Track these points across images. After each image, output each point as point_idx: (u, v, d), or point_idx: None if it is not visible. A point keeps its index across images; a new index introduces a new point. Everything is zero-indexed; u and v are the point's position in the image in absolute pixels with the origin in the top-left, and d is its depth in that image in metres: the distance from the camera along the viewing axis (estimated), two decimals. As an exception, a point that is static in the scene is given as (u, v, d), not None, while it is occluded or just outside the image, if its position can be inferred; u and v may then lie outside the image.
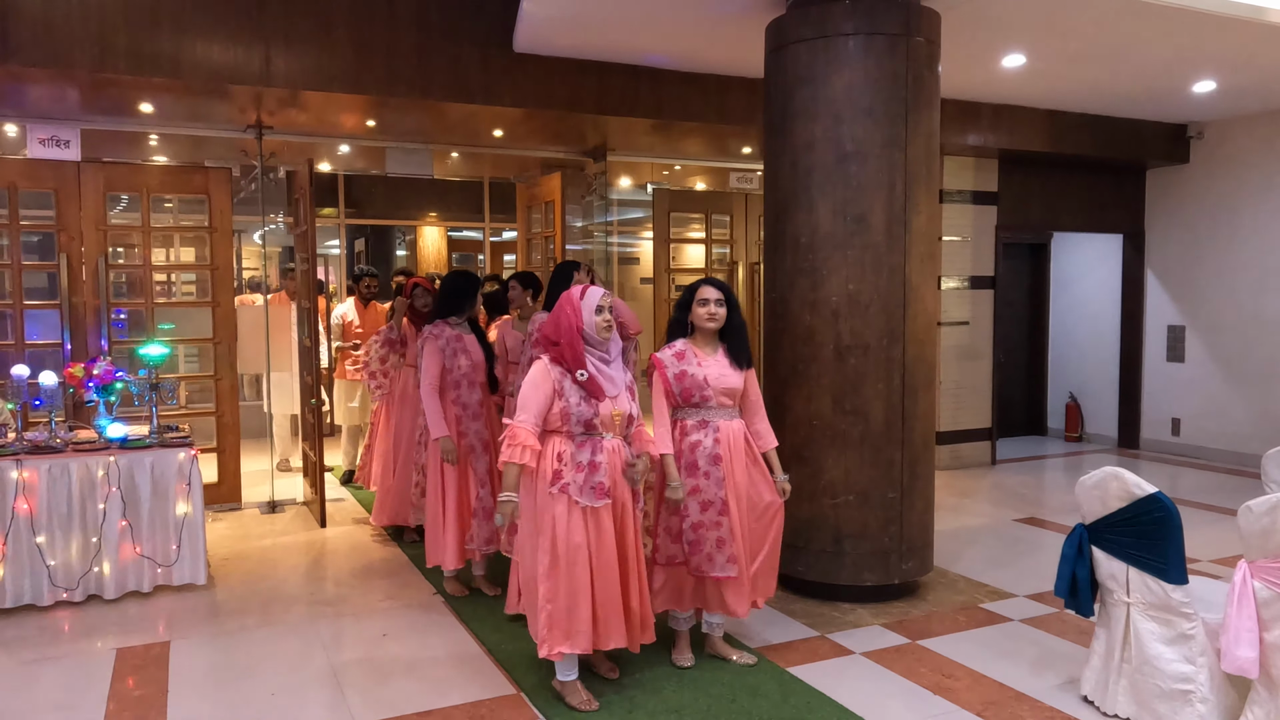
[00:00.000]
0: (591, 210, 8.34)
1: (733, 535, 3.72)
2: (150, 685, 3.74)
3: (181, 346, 7.50)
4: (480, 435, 4.70)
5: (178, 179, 6.67)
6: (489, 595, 4.71)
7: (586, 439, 3.42)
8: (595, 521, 3.40)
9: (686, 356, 3.76)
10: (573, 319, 3.46)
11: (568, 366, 3.42)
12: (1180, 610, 3.19)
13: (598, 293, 3.49)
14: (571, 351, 3.42)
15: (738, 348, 3.82)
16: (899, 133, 4.51)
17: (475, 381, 4.73)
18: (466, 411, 4.67)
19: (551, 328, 3.48)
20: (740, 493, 3.78)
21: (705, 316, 3.77)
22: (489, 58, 5.82)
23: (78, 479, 4.60)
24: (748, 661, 3.91)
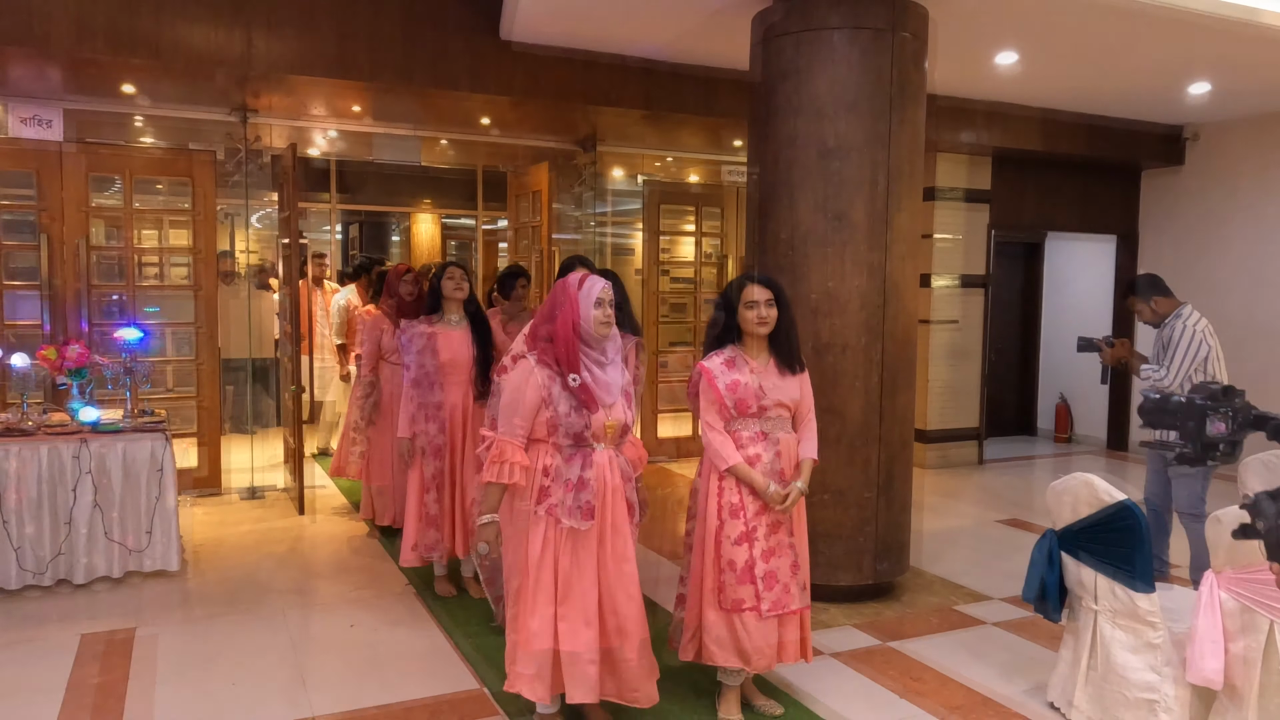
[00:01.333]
0: (583, 201, 8.29)
1: (803, 559, 3.38)
2: (112, 672, 3.71)
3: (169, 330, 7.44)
4: (433, 440, 4.46)
5: (161, 162, 6.63)
6: (475, 598, 4.57)
7: (575, 451, 3.01)
8: (575, 546, 3.01)
9: (737, 364, 3.31)
10: (569, 313, 3.01)
11: (559, 369, 2.99)
12: (1147, 619, 3.16)
13: (598, 283, 3.04)
14: (566, 351, 2.98)
15: (789, 351, 3.37)
16: (882, 129, 4.46)
17: (439, 382, 4.47)
18: (422, 411, 4.46)
19: (545, 322, 3.06)
20: (801, 513, 3.42)
21: (755, 321, 3.29)
22: (475, 45, 5.76)
23: (48, 462, 4.57)
24: (774, 711, 3.45)
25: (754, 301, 3.30)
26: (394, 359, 5.40)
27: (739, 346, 3.36)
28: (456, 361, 4.49)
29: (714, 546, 3.27)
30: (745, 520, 3.25)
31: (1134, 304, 4.87)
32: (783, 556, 3.28)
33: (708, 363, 3.34)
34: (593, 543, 3.02)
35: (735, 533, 3.24)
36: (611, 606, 3.04)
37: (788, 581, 3.28)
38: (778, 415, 3.33)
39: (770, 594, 3.23)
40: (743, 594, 3.23)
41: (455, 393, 4.52)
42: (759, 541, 3.25)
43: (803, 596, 3.33)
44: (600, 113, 6.56)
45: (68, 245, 6.01)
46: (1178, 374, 4.54)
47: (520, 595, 3.02)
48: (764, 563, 3.24)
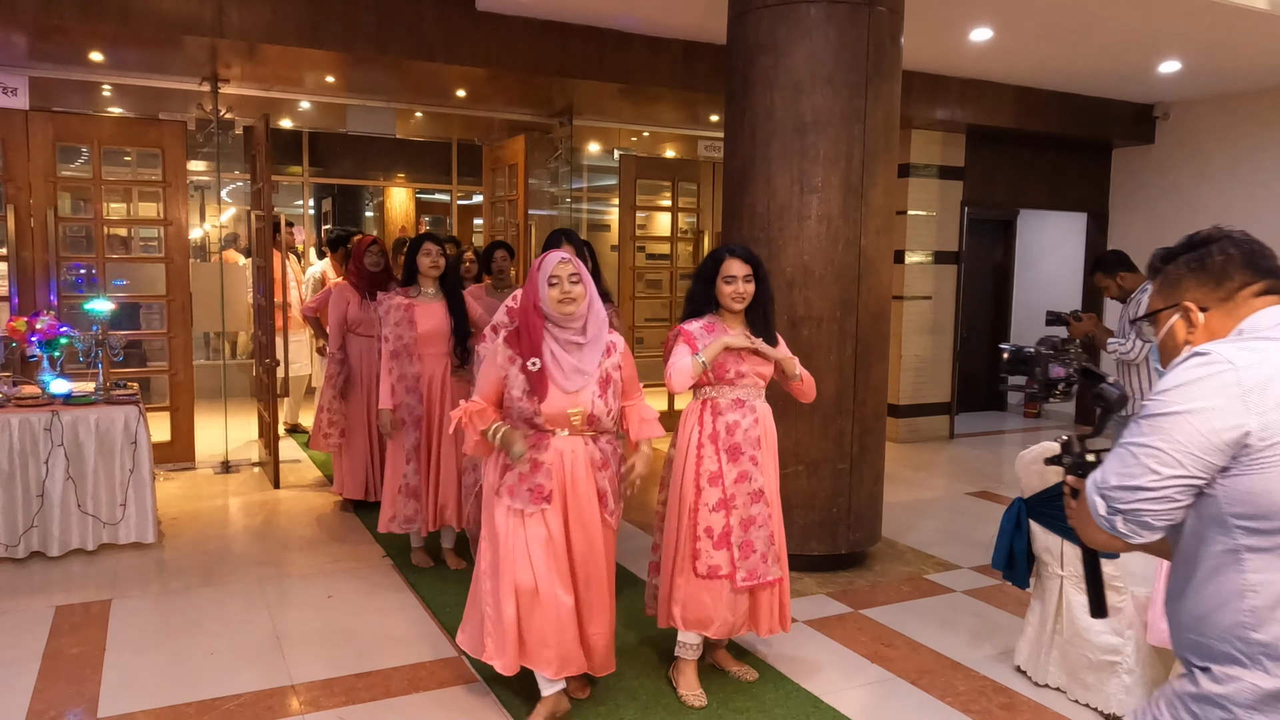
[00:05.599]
0: (559, 175, 8.27)
1: (780, 529, 3.40)
2: (88, 644, 3.71)
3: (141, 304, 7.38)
4: (412, 411, 4.47)
5: (130, 131, 6.52)
6: (452, 568, 4.59)
7: (532, 434, 2.98)
8: (535, 528, 2.96)
9: (716, 331, 3.32)
10: (531, 293, 2.93)
11: (520, 351, 2.94)
12: (1110, 583, 3.24)
13: (553, 259, 2.93)
14: (527, 334, 2.93)
15: (765, 326, 3.37)
16: (858, 104, 4.48)
17: (418, 354, 4.46)
18: (401, 384, 4.45)
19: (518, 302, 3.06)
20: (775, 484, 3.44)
21: (731, 296, 3.29)
22: (450, 15, 5.71)
23: (19, 434, 4.53)
24: (749, 677, 3.51)
25: (732, 276, 3.30)
26: (361, 330, 5.38)
27: (717, 316, 3.38)
28: (434, 333, 4.49)
29: (690, 514, 3.30)
30: (724, 488, 3.29)
31: (1100, 280, 4.95)
32: (761, 527, 3.31)
33: (690, 326, 3.34)
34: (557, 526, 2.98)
35: (713, 499, 3.28)
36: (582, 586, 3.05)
37: (764, 551, 3.32)
38: (754, 383, 3.35)
39: (746, 563, 3.27)
40: (719, 559, 3.26)
41: (433, 364, 4.51)
42: (737, 510, 3.28)
43: (778, 568, 3.38)
44: (576, 85, 6.53)
45: (35, 216, 5.92)
46: (1143, 347, 4.63)
47: (490, 571, 3.04)
48: (742, 531, 3.28)
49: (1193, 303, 1.63)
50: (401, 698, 3.34)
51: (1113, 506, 1.51)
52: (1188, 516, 1.52)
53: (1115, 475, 1.51)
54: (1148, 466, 1.47)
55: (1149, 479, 1.47)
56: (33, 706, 3.21)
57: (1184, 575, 1.54)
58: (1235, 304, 1.59)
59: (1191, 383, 1.47)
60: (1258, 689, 1.42)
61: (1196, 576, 1.51)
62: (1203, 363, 1.47)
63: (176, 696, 3.29)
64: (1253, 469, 1.43)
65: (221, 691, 3.33)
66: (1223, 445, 1.43)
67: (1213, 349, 1.49)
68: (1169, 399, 1.48)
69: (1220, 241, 1.64)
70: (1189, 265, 1.66)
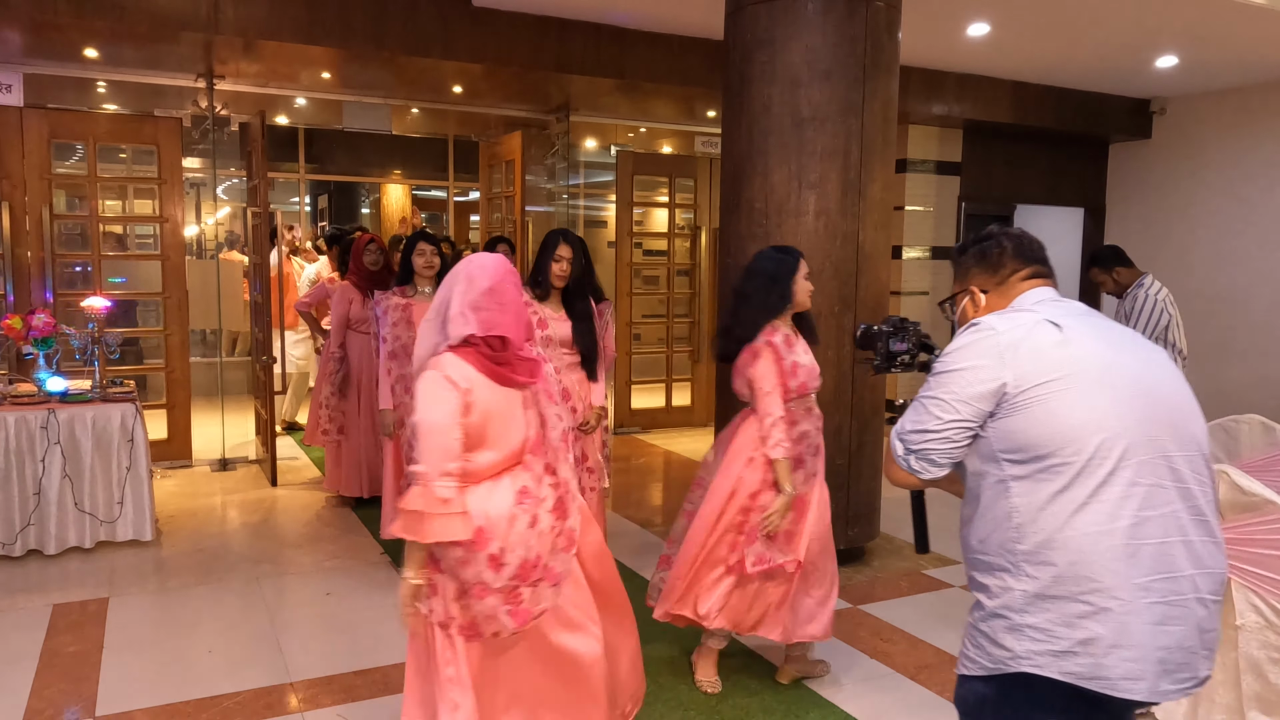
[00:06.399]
0: (556, 171, 8.25)
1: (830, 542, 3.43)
2: (85, 642, 3.70)
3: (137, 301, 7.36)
4: (409, 410, 4.48)
5: (125, 128, 6.51)
6: None
7: None
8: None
9: (793, 343, 3.22)
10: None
11: None
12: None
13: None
14: None
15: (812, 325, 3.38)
16: (856, 99, 4.48)
17: None
18: (400, 384, 4.42)
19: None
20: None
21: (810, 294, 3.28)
22: (446, 11, 5.69)
23: (15, 432, 4.51)
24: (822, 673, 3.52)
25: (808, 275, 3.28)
26: (362, 329, 5.37)
27: (782, 322, 3.25)
28: None
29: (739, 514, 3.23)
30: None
31: (1097, 275, 4.95)
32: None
33: (774, 339, 3.18)
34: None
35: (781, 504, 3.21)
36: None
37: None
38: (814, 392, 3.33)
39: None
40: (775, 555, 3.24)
41: None
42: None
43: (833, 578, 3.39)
44: (573, 81, 6.52)
45: (30, 214, 5.90)
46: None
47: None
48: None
49: (976, 287, 1.99)
50: (400, 695, 3.32)
51: (907, 447, 1.85)
52: (970, 457, 1.83)
53: (909, 422, 1.86)
54: (932, 413, 1.81)
55: (933, 423, 1.80)
56: (30, 705, 3.20)
57: (971, 506, 1.84)
58: (1008, 287, 1.95)
59: (965, 346, 1.81)
60: (1025, 594, 1.70)
61: (979, 506, 1.81)
62: (973, 331, 1.82)
63: (174, 694, 3.28)
64: (1012, 412, 1.74)
65: (220, 689, 3.32)
66: (987, 394, 1.75)
67: (982, 320, 1.85)
68: (949, 360, 1.82)
69: (998, 237, 2.00)
70: (974, 257, 2.01)
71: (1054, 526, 1.68)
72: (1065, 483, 1.68)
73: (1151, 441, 1.70)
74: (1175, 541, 1.68)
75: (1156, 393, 1.76)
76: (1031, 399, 1.71)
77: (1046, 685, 1.69)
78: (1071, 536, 1.67)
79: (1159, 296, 4.67)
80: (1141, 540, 1.66)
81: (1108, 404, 1.70)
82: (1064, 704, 1.70)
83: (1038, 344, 1.76)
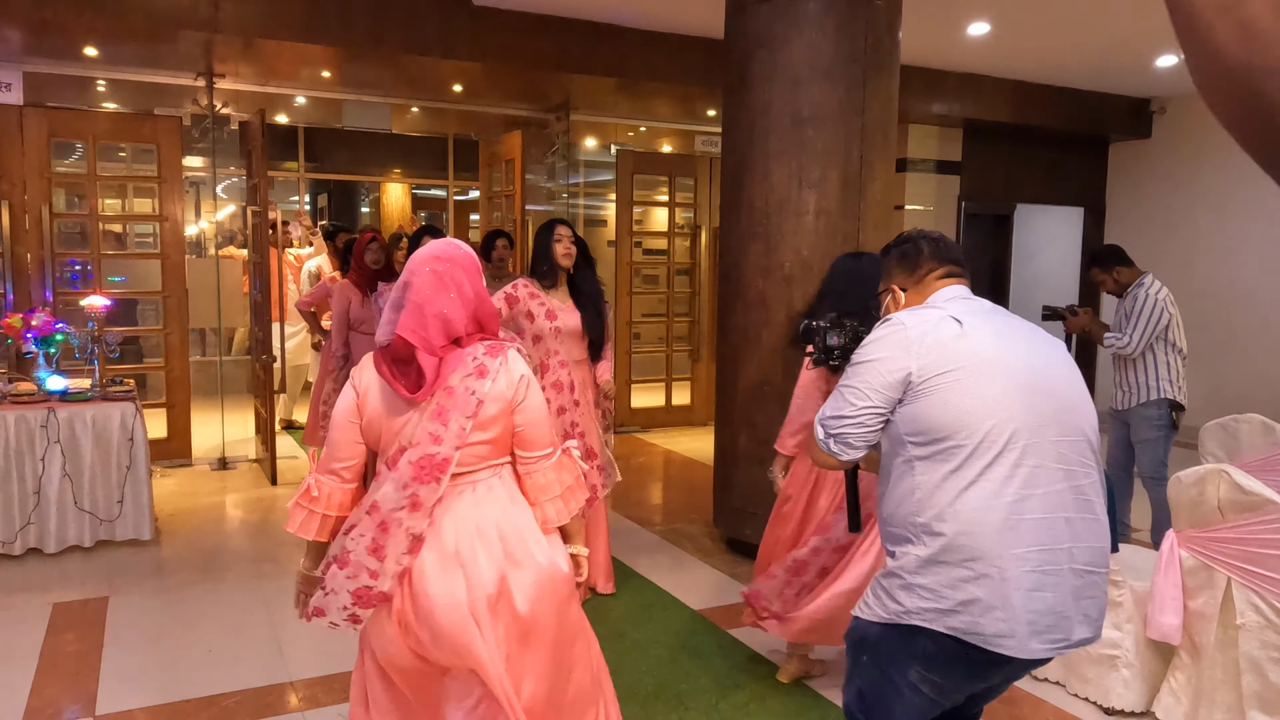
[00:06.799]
0: (555, 171, 8.25)
1: None
2: (86, 641, 3.70)
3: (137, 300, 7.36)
4: None
5: (125, 126, 6.50)
6: None
7: None
8: None
9: None
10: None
11: None
12: (1110, 577, 3.24)
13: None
14: None
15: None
16: (856, 98, 4.48)
17: None
18: None
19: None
20: None
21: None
22: (446, 9, 5.69)
23: (15, 431, 4.51)
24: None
25: None
26: (363, 329, 5.37)
27: None
28: None
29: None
30: None
31: (1097, 275, 4.95)
32: None
33: None
34: None
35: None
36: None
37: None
38: None
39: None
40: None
41: None
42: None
43: None
44: (573, 80, 6.52)
45: (30, 212, 5.89)
46: (1139, 341, 4.63)
47: None
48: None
49: (897, 286, 2.16)
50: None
51: (827, 432, 2.03)
52: (883, 439, 2.02)
53: (830, 409, 2.04)
54: (849, 401, 2.00)
55: (849, 409, 1.99)
56: (31, 704, 3.20)
57: (884, 483, 2.03)
58: (925, 285, 2.13)
59: (877, 340, 2.00)
60: (918, 558, 1.90)
61: (889, 483, 2.00)
62: (885, 326, 2.01)
63: (175, 693, 3.28)
64: (915, 399, 1.92)
65: (220, 688, 3.32)
66: (896, 383, 1.94)
67: (894, 316, 2.03)
68: (864, 353, 2.01)
69: (916, 240, 2.17)
70: (896, 258, 2.19)
71: (946, 501, 1.87)
72: (959, 463, 1.87)
73: (1038, 428, 1.88)
74: (1055, 518, 1.86)
75: (1046, 385, 1.95)
76: (932, 387, 1.90)
77: (930, 637, 1.90)
78: (960, 510, 1.86)
79: (1159, 296, 4.67)
80: (1022, 515, 1.84)
81: (999, 393, 1.88)
82: (956, 659, 1.90)
83: (940, 337, 1.94)
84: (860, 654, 2.07)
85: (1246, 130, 0.60)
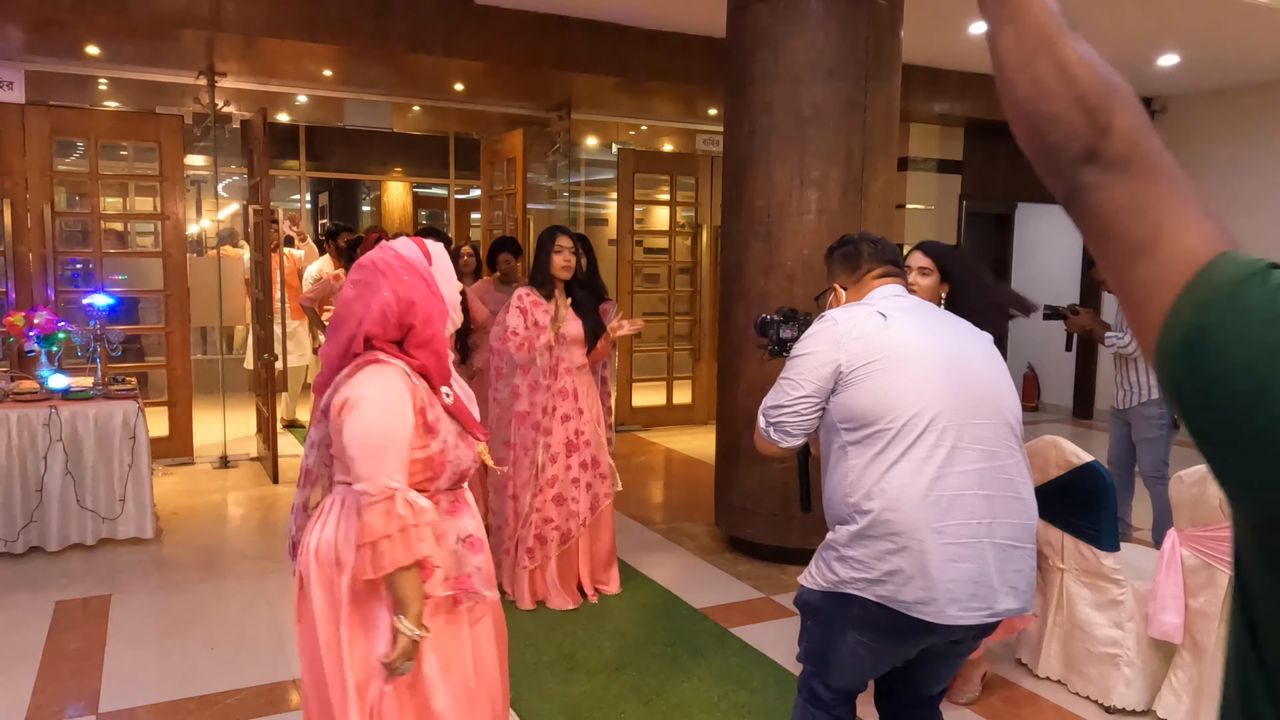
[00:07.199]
0: (557, 169, 8.25)
1: None
2: (88, 639, 3.70)
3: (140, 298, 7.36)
4: None
5: (127, 125, 6.51)
6: None
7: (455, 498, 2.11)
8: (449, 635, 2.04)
9: None
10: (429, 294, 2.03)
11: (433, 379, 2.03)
12: (1111, 577, 3.25)
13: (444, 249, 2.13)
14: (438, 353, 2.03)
15: None
16: (858, 97, 4.48)
17: None
18: None
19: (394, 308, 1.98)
20: None
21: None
22: (448, 8, 5.69)
23: (18, 430, 4.52)
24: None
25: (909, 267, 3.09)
26: None
27: None
28: None
29: None
30: None
31: (1098, 274, 4.94)
32: None
33: None
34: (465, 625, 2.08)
35: None
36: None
37: None
38: None
39: None
40: None
41: None
42: None
43: None
44: (574, 79, 6.52)
45: (32, 211, 5.89)
46: (1140, 340, 4.63)
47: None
48: None
49: (838, 284, 2.35)
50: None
51: (768, 420, 2.19)
52: (822, 429, 2.18)
53: (770, 399, 2.20)
54: (786, 391, 2.16)
55: (786, 399, 2.15)
56: (34, 702, 3.20)
57: (824, 467, 2.19)
58: (863, 284, 2.30)
59: (812, 335, 2.17)
60: (850, 532, 2.06)
61: (828, 467, 2.16)
62: (820, 322, 2.19)
63: (177, 691, 3.28)
64: (845, 388, 2.09)
65: (222, 686, 3.33)
66: (827, 374, 2.11)
67: (829, 313, 2.20)
68: (800, 347, 2.19)
69: (857, 242, 2.36)
70: (838, 259, 2.37)
71: (872, 481, 2.03)
72: (883, 445, 2.03)
73: (958, 412, 2.03)
74: (974, 494, 2.00)
75: (967, 373, 2.10)
76: (859, 377, 2.07)
77: (861, 604, 2.06)
78: (885, 489, 2.01)
79: None
80: (940, 492, 1.98)
81: (920, 381, 2.03)
82: (885, 624, 2.04)
83: (865, 330, 2.10)
84: (806, 618, 2.26)
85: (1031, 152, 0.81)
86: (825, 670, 2.23)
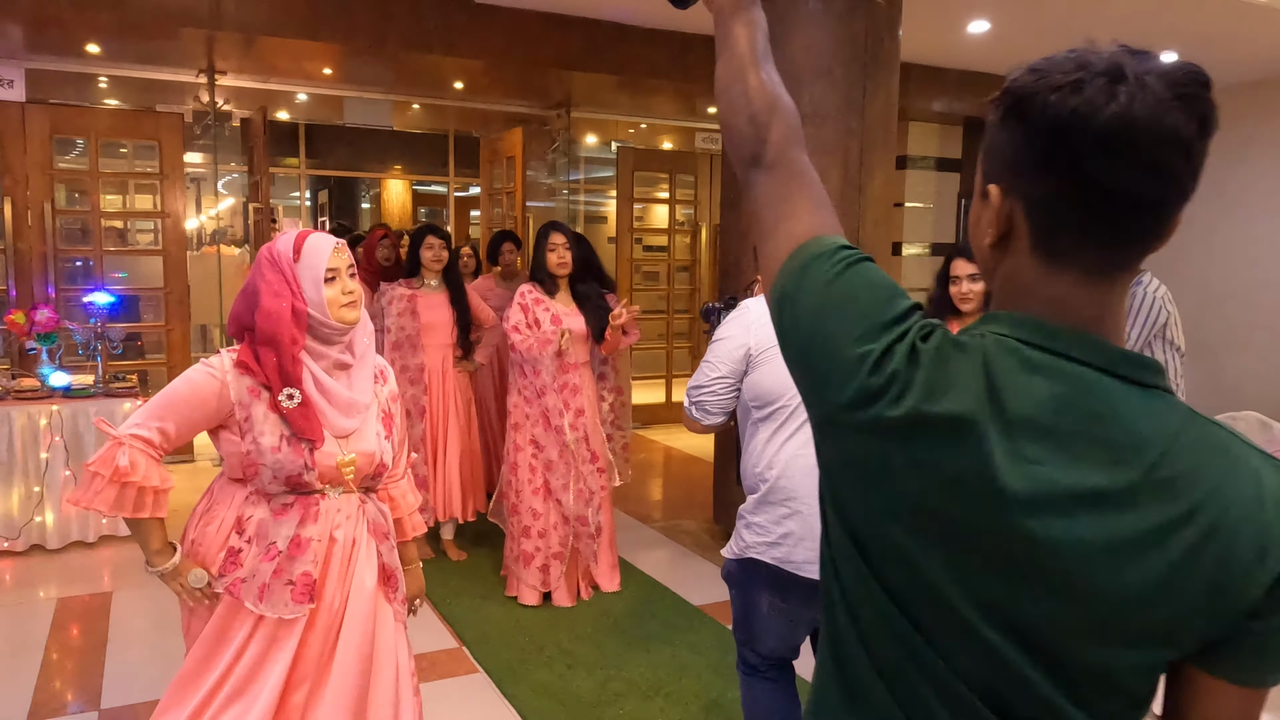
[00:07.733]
0: (556, 167, 8.26)
1: None
2: (90, 635, 3.72)
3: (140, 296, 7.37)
4: (417, 401, 4.48)
5: (127, 123, 6.51)
6: (453, 560, 4.63)
7: (292, 501, 2.03)
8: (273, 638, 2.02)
9: None
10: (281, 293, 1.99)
11: (268, 378, 1.97)
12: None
13: (325, 245, 2.03)
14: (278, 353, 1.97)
15: None
16: (856, 95, 4.49)
17: (420, 344, 4.48)
18: (405, 375, 4.43)
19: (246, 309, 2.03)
20: None
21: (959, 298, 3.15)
22: (448, 7, 5.70)
23: (19, 427, 4.54)
24: None
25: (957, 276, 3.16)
26: None
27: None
28: (437, 324, 4.52)
29: None
30: None
31: None
32: None
33: None
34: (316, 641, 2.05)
35: None
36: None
37: None
38: None
39: None
40: None
41: (435, 355, 4.55)
42: None
43: None
44: (574, 77, 6.53)
45: (32, 209, 5.91)
46: (1137, 339, 4.64)
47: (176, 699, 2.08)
48: None
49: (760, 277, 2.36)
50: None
51: (690, 400, 2.40)
52: (739, 410, 2.38)
53: (693, 380, 2.41)
54: (705, 373, 2.37)
55: (705, 380, 2.36)
56: (36, 699, 3.22)
57: (743, 444, 2.38)
58: None
59: (729, 322, 2.38)
60: (755, 500, 2.29)
61: (745, 444, 2.36)
62: (736, 311, 2.41)
63: (179, 688, 3.29)
64: (753, 370, 2.31)
65: (224, 683, 3.34)
66: (740, 357, 2.32)
67: (744, 302, 2.45)
68: (719, 332, 2.39)
69: None
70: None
71: (772, 452, 2.25)
72: (782, 421, 2.25)
73: None
74: None
75: None
76: (763, 360, 2.27)
77: (765, 568, 2.25)
78: (780, 459, 2.24)
79: (1157, 294, 4.68)
80: None
81: None
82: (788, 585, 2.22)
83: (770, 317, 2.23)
84: (729, 588, 2.43)
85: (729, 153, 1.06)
86: (751, 637, 2.40)
